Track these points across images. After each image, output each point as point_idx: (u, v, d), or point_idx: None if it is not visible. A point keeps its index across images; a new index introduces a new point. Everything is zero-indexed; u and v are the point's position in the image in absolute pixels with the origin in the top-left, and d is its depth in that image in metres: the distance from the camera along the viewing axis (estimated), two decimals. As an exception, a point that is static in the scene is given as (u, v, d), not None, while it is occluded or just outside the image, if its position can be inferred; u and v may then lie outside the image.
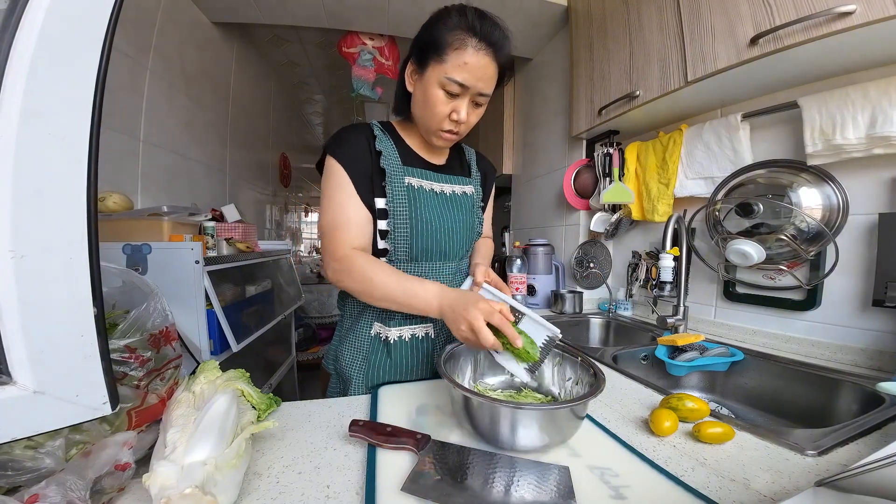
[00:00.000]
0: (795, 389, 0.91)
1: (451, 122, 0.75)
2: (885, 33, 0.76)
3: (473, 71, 0.69)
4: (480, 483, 0.47)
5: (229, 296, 1.37)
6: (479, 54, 0.68)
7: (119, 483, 0.45)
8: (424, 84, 0.73)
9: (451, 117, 0.74)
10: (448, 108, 0.73)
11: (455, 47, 0.68)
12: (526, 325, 0.68)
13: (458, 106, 0.72)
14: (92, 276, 0.36)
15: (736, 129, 1.12)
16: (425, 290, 0.70)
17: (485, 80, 0.71)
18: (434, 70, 0.71)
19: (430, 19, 0.73)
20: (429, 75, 0.72)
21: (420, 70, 0.74)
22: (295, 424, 0.63)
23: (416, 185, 0.80)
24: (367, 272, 0.72)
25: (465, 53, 0.68)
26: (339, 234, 0.75)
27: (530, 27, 1.86)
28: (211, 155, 2.09)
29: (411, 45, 0.77)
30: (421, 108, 0.76)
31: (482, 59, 0.69)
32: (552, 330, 0.65)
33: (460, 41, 0.68)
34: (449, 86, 0.70)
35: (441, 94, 0.71)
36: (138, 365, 0.53)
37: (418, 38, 0.74)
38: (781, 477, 0.51)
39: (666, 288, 1.19)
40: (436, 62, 0.70)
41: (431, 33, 0.71)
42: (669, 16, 1.13)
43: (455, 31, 0.68)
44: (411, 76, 0.77)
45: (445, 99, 0.72)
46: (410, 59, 0.77)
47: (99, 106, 0.36)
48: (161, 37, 1.60)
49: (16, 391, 0.33)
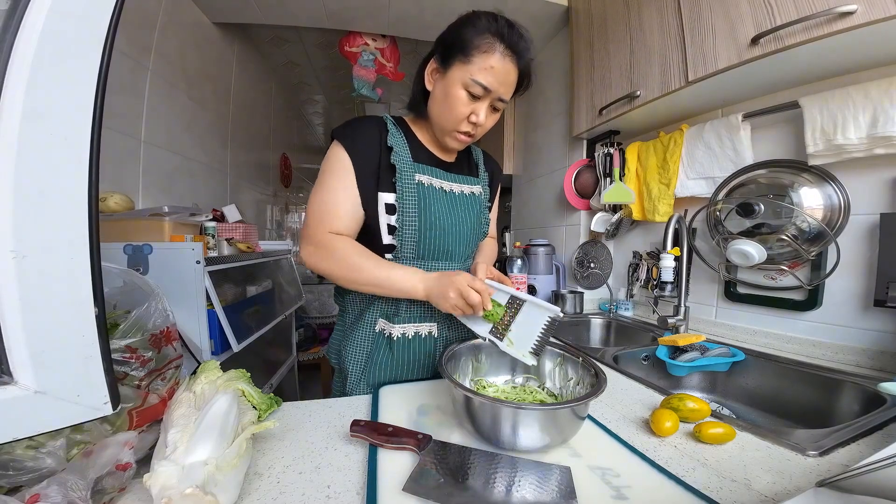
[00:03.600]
0: (796, 390, 0.90)
1: (469, 124, 0.75)
2: (886, 33, 0.76)
3: (498, 75, 0.70)
4: (482, 483, 0.47)
5: (230, 296, 1.37)
6: (504, 60, 0.70)
7: (120, 483, 0.45)
8: (446, 83, 0.73)
9: (470, 119, 0.74)
10: (468, 110, 0.73)
11: (483, 50, 0.69)
12: (526, 310, 0.69)
13: (478, 108, 0.73)
14: (93, 276, 0.36)
15: (737, 129, 1.12)
16: (407, 273, 0.74)
17: (507, 86, 0.73)
18: (458, 70, 0.71)
19: (460, 20, 0.74)
20: (452, 75, 0.72)
21: (443, 69, 0.74)
22: (295, 424, 0.63)
23: (427, 183, 0.80)
24: (350, 256, 0.73)
25: (492, 57, 0.69)
26: (323, 220, 0.75)
27: (531, 27, 1.81)
28: (212, 155, 2.09)
29: (435, 43, 0.77)
30: (440, 107, 0.76)
31: (507, 65, 0.70)
32: (553, 310, 0.66)
33: (489, 45, 0.69)
34: (472, 87, 0.71)
35: (463, 95, 0.72)
36: (139, 365, 0.53)
37: (444, 37, 0.75)
38: (782, 477, 0.51)
39: (667, 288, 1.19)
40: (461, 62, 0.71)
41: (460, 34, 0.71)
42: (670, 16, 1.13)
43: (484, 34, 0.69)
44: (432, 74, 0.77)
45: (467, 100, 0.73)
46: (433, 57, 0.77)
47: (100, 106, 0.36)
48: (162, 37, 1.60)
49: (17, 391, 0.33)
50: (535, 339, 0.67)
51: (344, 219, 0.76)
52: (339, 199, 0.76)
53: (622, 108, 1.34)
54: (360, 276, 0.73)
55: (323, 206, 0.76)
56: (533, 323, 0.68)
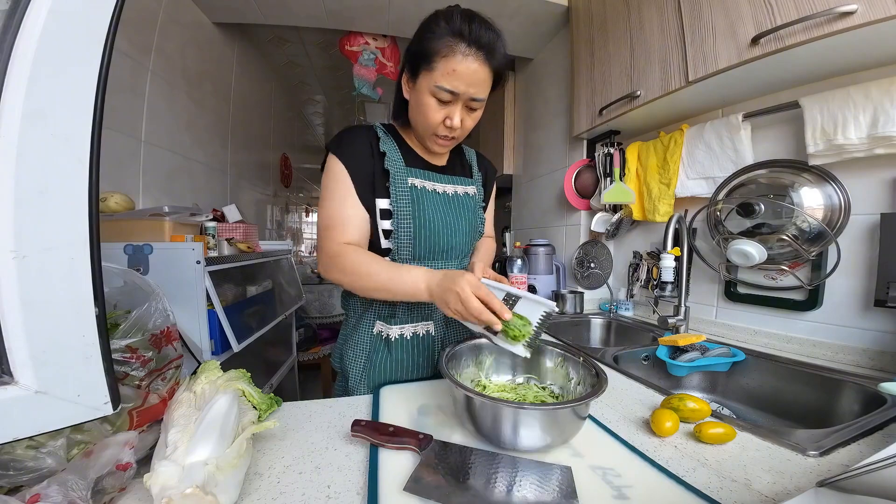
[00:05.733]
0: (797, 390, 0.90)
1: (446, 129, 0.75)
2: (886, 33, 0.76)
3: (463, 77, 0.68)
4: (483, 483, 0.47)
5: (230, 296, 1.37)
6: (467, 60, 0.67)
7: (120, 483, 0.45)
8: (417, 93, 0.73)
9: (445, 123, 0.74)
10: (441, 115, 0.73)
11: (443, 55, 0.67)
12: (522, 306, 0.68)
13: (452, 112, 0.72)
14: (93, 276, 0.36)
15: (737, 128, 1.12)
16: (412, 274, 0.71)
17: (476, 86, 0.70)
18: (424, 79, 0.70)
19: (420, 27, 0.72)
20: (420, 84, 0.72)
21: (412, 79, 0.74)
22: (296, 424, 0.63)
23: (420, 186, 0.81)
24: (357, 264, 0.73)
25: (454, 60, 0.67)
26: (334, 232, 0.76)
27: (531, 27, 1.86)
28: (212, 155, 2.09)
29: (404, 54, 0.77)
30: (416, 116, 0.77)
31: (472, 65, 0.67)
32: (548, 305, 0.65)
33: (448, 48, 0.67)
34: (439, 94, 0.70)
35: (433, 102, 0.71)
36: (140, 365, 0.53)
37: (409, 47, 0.74)
38: (783, 477, 0.51)
39: (667, 288, 1.18)
40: (426, 71, 0.70)
41: (420, 42, 0.70)
42: (670, 15, 1.13)
43: (443, 37, 0.67)
44: (406, 84, 0.78)
45: (438, 106, 0.72)
46: (404, 68, 0.77)
47: (100, 106, 0.36)
48: (162, 37, 1.60)
49: (18, 391, 0.33)
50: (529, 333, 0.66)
51: (351, 228, 0.77)
52: (347, 211, 0.76)
53: (622, 108, 1.34)
54: (369, 283, 0.72)
55: (329, 219, 0.76)
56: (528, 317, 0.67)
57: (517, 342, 0.65)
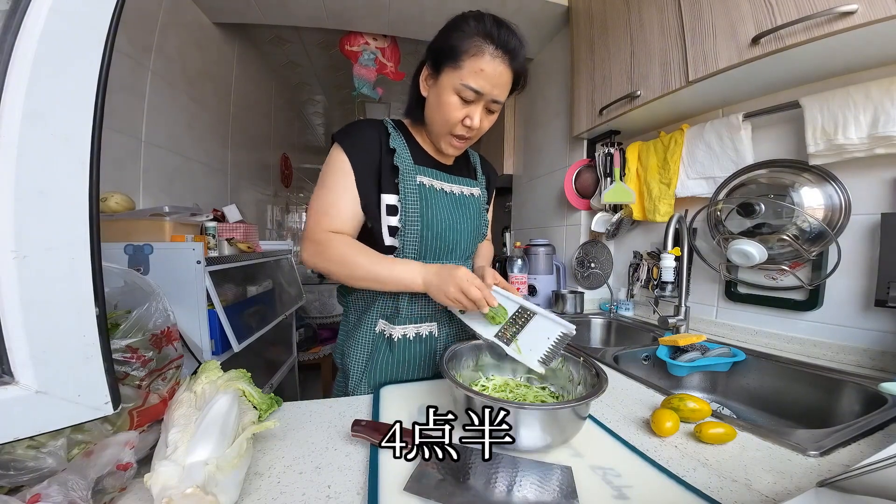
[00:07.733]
0: (797, 390, 0.90)
1: (464, 128, 0.75)
2: (886, 33, 0.76)
3: (489, 78, 0.69)
4: (483, 483, 0.47)
5: (231, 296, 1.37)
6: (495, 62, 0.69)
7: (121, 483, 0.45)
8: (439, 89, 0.73)
9: (465, 122, 0.74)
10: (462, 114, 0.73)
11: (472, 54, 0.68)
12: (538, 322, 0.70)
13: (472, 112, 0.73)
14: (94, 276, 0.36)
15: (737, 128, 1.12)
16: (406, 265, 0.74)
17: (500, 88, 0.72)
18: (449, 76, 0.71)
19: (448, 25, 0.73)
20: (444, 81, 0.72)
21: (435, 75, 0.74)
22: (296, 424, 0.63)
23: (428, 184, 0.81)
24: (347, 253, 0.74)
25: (482, 60, 0.68)
26: (325, 218, 0.76)
27: (531, 27, 1.85)
28: (212, 155, 2.09)
29: (427, 50, 0.77)
30: (434, 113, 0.77)
31: (498, 67, 0.69)
32: (567, 327, 0.67)
33: (477, 48, 0.68)
34: (464, 92, 0.70)
35: (455, 100, 0.72)
36: (140, 365, 0.53)
37: (434, 44, 0.75)
38: (783, 477, 0.51)
39: (667, 288, 1.18)
40: (452, 68, 0.70)
41: (448, 39, 0.71)
42: (670, 15, 1.13)
43: (472, 37, 0.69)
44: (426, 81, 0.78)
45: (460, 105, 0.72)
46: (426, 64, 0.77)
47: (101, 106, 0.36)
48: (162, 37, 1.60)
49: (18, 391, 0.33)
50: (545, 350, 0.68)
51: (342, 218, 0.77)
52: (338, 199, 0.76)
53: (622, 108, 1.34)
54: (358, 272, 0.73)
55: (322, 206, 0.77)
56: (543, 334, 0.69)
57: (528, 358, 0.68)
